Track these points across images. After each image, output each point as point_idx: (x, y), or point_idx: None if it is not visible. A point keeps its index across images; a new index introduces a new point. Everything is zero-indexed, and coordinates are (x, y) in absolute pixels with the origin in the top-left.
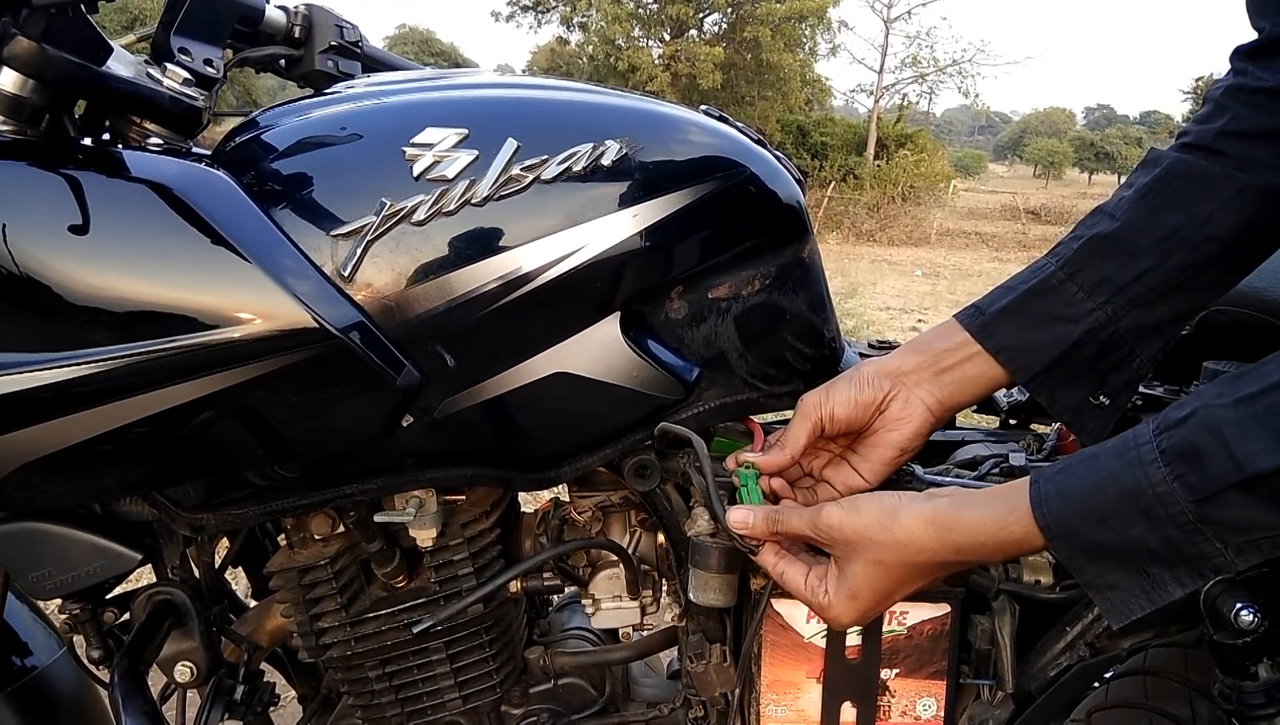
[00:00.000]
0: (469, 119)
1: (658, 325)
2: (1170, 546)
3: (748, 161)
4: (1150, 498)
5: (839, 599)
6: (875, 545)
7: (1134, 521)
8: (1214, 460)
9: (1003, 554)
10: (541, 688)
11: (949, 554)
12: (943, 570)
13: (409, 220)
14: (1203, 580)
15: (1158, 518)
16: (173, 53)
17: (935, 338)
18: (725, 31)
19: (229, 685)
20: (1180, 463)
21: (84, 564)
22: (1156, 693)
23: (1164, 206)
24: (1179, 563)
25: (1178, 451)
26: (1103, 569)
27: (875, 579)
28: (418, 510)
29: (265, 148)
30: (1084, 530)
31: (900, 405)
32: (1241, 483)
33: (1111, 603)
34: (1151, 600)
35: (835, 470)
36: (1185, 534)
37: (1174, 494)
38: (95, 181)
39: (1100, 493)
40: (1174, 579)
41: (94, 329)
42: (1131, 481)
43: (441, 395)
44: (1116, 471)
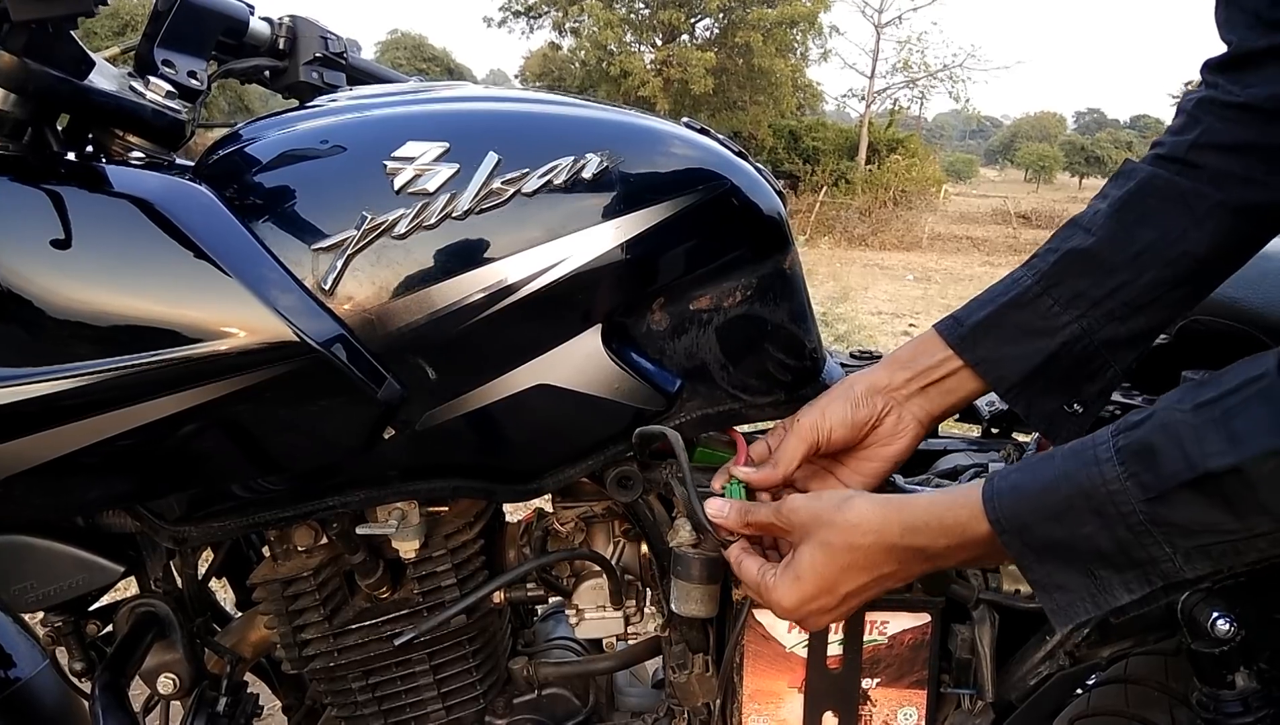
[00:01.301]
0: (450, 132)
1: (639, 337)
2: (1120, 548)
3: (729, 174)
4: (1103, 496)
5: (783, 580)
6: (826, 526)
7: (1085, 519)
8: (1168, 459)
9: (950, 542)
10: (525, 698)
11: (895, 535)
12: (890, 561)
13: (390, 234)
14: (1149, 587)
15: (1109, 516)
16: (156, 65)
17: (919, 352)
18: (717, 37)
19: (212, 697)
20: (1134, 462)
21: (67, 577)
22: (1137, 701)
23: (1138, 222)
24: (1128, 566)
25: (1133, 451)
26: (1051, 568)
27: (820, 562)
28: (400, 522)
29: (247, 161)
30: (1034, 526)
31: (894, 421)
32: (1193, 481)
33: (1057, 604)
34: (1098, 605)
35: (821, 481)
36: (1135, 535)
37: (1126, 492)
38: (77, 196)
39: (1053, 489)
40: (1122, 584)
41: (76, 343)
42: (1085, 479)
43: (423, 408)
44: (1071, 470)
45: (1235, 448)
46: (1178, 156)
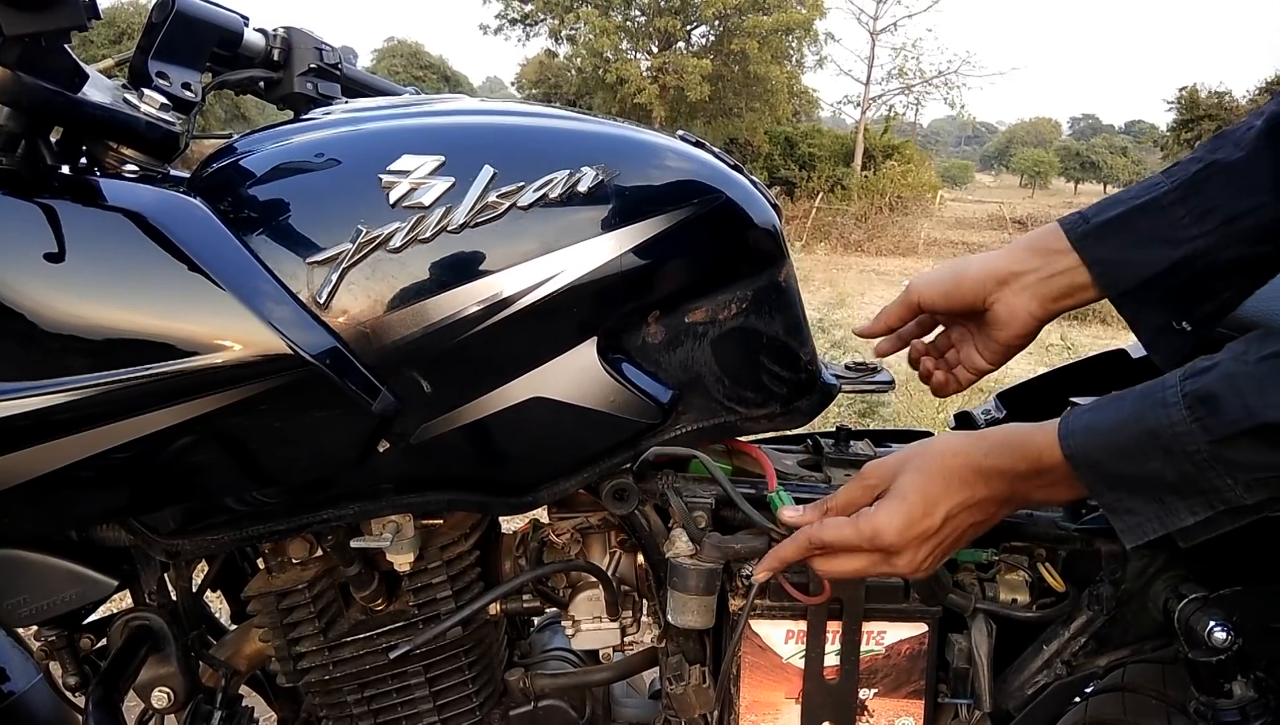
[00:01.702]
0: (445, 146)
1: (634, 349)
2: (1185, 480)
3: (724, 187)
4: (1169, 436)
5: (884, 507)
6: (915, 457)
7: (1153, 456)
8: (1230, 407)
9: (1029, 466)
10: (522, 710)
11: (980, 455)
12: (979, 482)
13: (385, 247)
14: (1212, 511)
15: (1175, 454)
16: (150, 77)
17: (1037, 244)
18: (713, 44)
19: (207, 710)
20: (1199, 407)
21: (60, 590)
22: (1134, 709)
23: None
24: (1193, 493)
25: (1198, 396)
26: (1120, 494)
27: (918, 482)
28: (395, 535)
29: (242, 174)
30: (1105, 462)
31: (1004, 310)
32: (1253, 430)
33: (1127, 524)
34: (1164, 524)
35: (963, 351)
36: (1199, 470)
37: (1192, 434)
38: (71, 210)
39: (1123, 429)
40: (1187, 508)
41: (71, 357)
42: (1154, 420)
43: (418, 420)
44: (1141, 411)
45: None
46: None
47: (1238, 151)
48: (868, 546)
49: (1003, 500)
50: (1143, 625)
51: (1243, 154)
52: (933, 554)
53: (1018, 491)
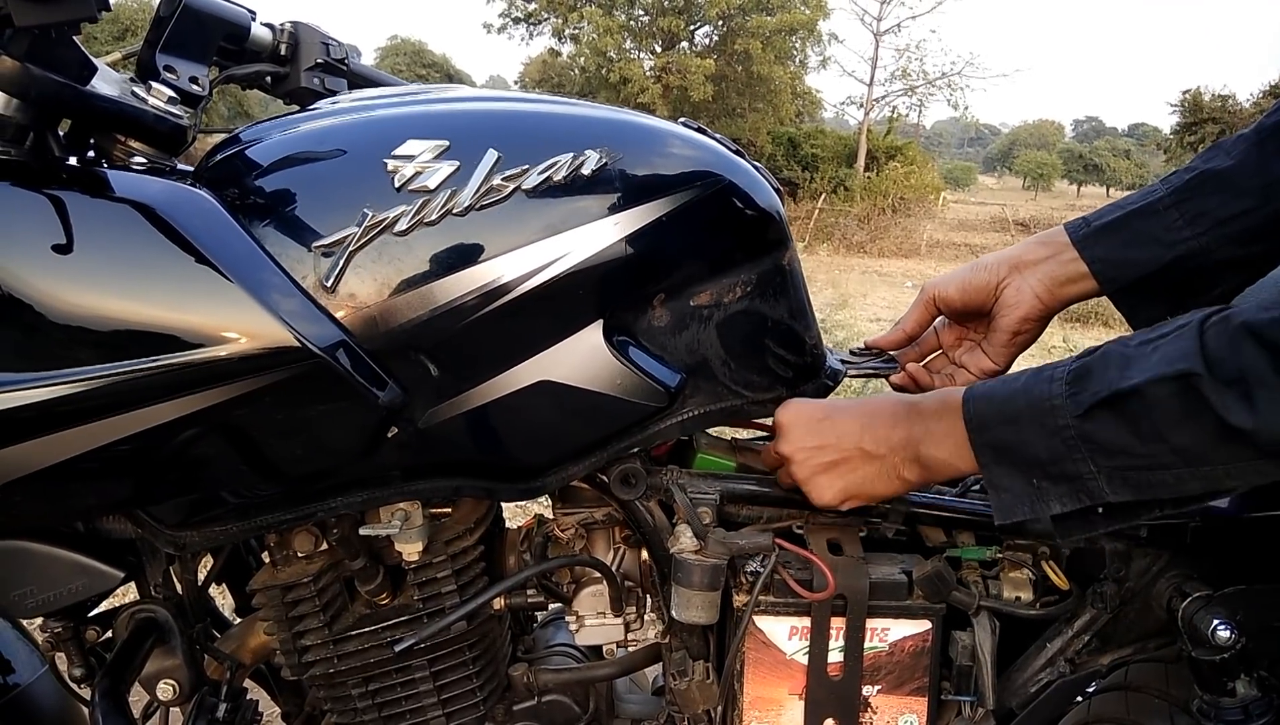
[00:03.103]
0: (450, 131)
1: (641, 333)
2: (1054, 458)
3: (726, 171)
4: (1046, 408)
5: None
6: None
7: (1032, 428)
8: (1097, 379)
9: (934, 406)
10: (525, 705)
11: (890, 399)
12: (884, 410)
13: (391, 231)
14: (1079, 504)
15: (1048, 428)
16: (158, 71)
17: (1045, 241)
18: (716, 44)
19: (212, 703)
20: (1076, 382)
21: (66, 582)
22: (1137, 708)
23: (1277, 153)
24: (1061, 479)
25: (1077, 373)
26: (1003, 471)
27: (834, 398)
28: (404, 523)
29: (247, 164)
30: (994, 427)
31: (1012, 291)
32: (1109, 399)
33: (1001, 502)
34: (1034, 509)
35: (972, 355)
36: (1067, 449)
37: (1064, 408)
38: (79, 201)
39: (1014, 399)
40: (1055, 495)
41: (77, 348)
42: (1038, 393)
43: (425, 406)
44: (1032, 384)
45: (1143, 372)
46: None
47: (1228, 160)
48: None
49: (895, 441)
50: (1146, 624)
51: (1232, 162)
52: (807, 452)
53: (911, 435)
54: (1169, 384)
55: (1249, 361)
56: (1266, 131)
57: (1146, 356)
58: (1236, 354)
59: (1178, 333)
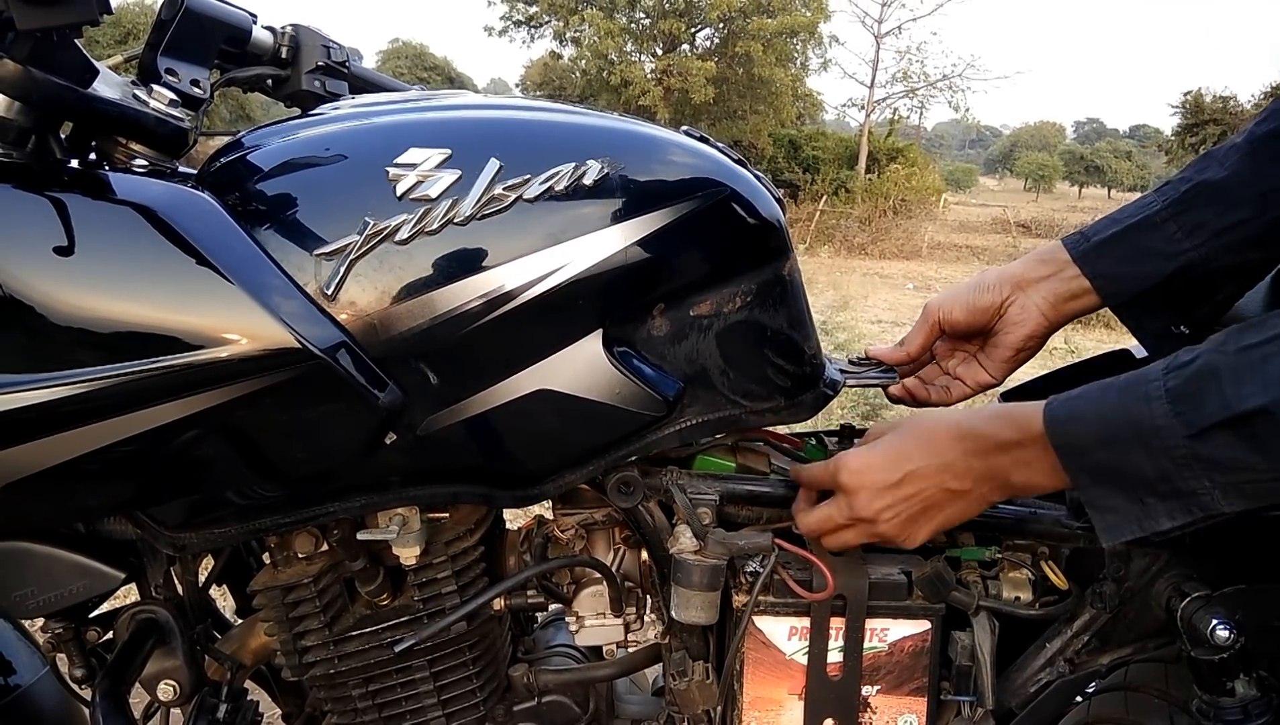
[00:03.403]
0: (452, 139)
1: (640, 342)
2: (1164, 477)
3: (728, 181)
4: (1150, 430)
5: (855, 451)
6: (907, 421)
7: (1134, 449)
8: (1209, 399)
9: (1013, 436)
10: (525, 705)
11: (965, 422)
12: (956, 447)
13: (392, 239)
14: (1190, 517)
15: (1155, 449)
16: (159, 73)
17: (1045, 257)
18: (717, 46)
19: (212, 704)
20: (1180, 402)
21: (67, 583)
22: (1137, 708)
23: (1271, 161)
24: (1171, 496)
25: (1180, 391)
26: (1104, 491)
27: (893, 439)
28: (401, 528)
29: (249, 169)
30: (1089, 450)
31: (1017, 309)
32: (1228, 421)
33: (1107, 523)
34: (1143, 527)
35: (967, 368)
36: (1177, 467)
37: (1171, 428)
38: (80, 203)
39: (1107, 419)
40: (1165, 512)
41: (79, 349)
42: (1136, 413)
43: (425, 413)
44: (1125, 403)
45: (1266, 390)
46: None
47: (1222, 170)
48: (829, 482)
49: (979, 473)
50: (1145, 624)
51: (1227, 172)
52: (893, 509)
53: (996, 466)
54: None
55: None
56: (1259, 140)
57: (1258, 368)
58: None
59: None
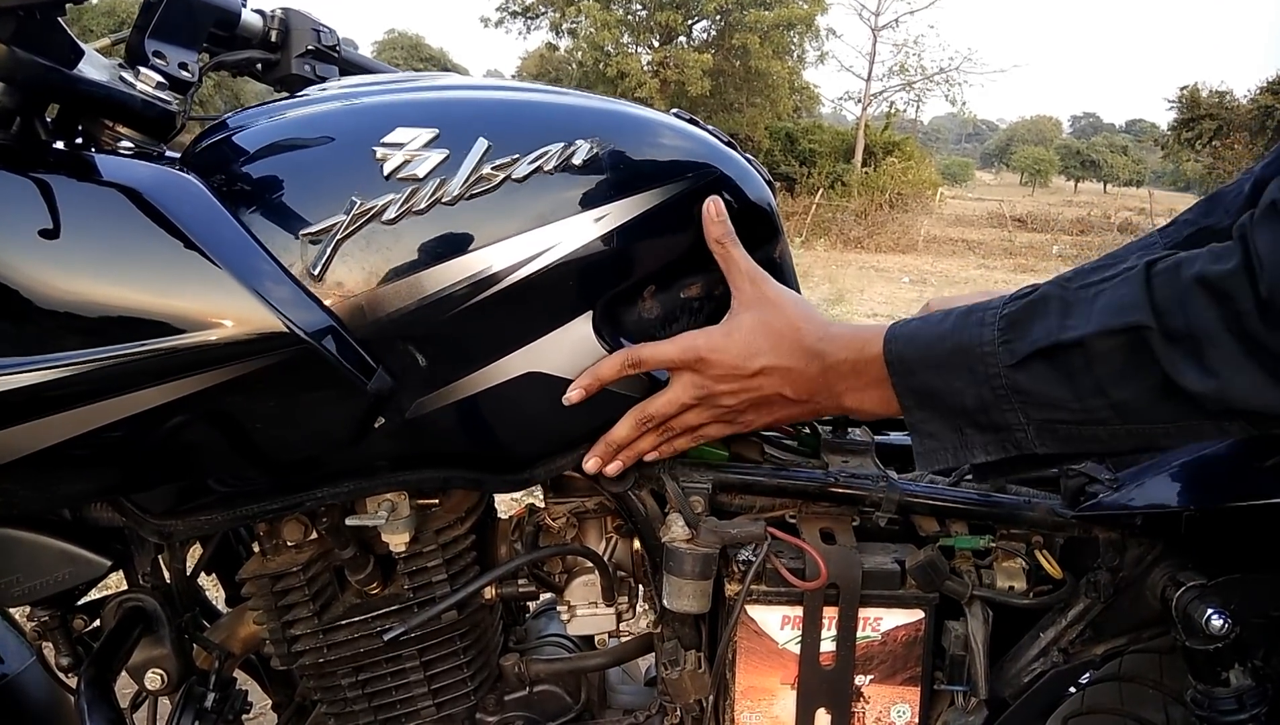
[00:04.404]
0: (439, 119)
1: (630, 324)
2: (982, 407)
3: (718, 163)
4: (976, 355)
5: (709, 330)
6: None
7: (959, 375)
8: (1035, 327)
9: (850, 356)
10: (517, 695)
11: (813, 336)
12: (799, 358)
13: (379, 219)
14: (1004, 453)
15: (978, 375)
16: (147, 56)
17: None
18: (714, 38)
19: (200, 693)
20: (1011, 328)
21: (53, 570)
22: (1131, 698)
23: None
24: (988, 428)
25: (1012, 317)
26: (927, 416)
27: (754, 327)
28: (390, 514)
29: (235, 150)
30: (918, 372)
31: None
32: (1047, 350)
33: (926, 449)
34: (958, 458)
35: None
36: (996, 398)
37: (995, 356)
38: (66, 185)
39: (940, 342)
40: (981, 445)
41: (64, 333)
42: (966, 337)
43: (413, 396)
44: (960, 328)
45: (1088, 322)
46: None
47: (1227, 218)
48: (681, 360)
49: (818, 388)
50: (1140, 613)
51: (1231, 218)
52: (737, 396)
53: (835, 386)
54: (1115, 337)
55: (1200, 317)
56: (1262, 186)
57: (1088, 303)
58: (1187, 308)
59: (1123, 277)
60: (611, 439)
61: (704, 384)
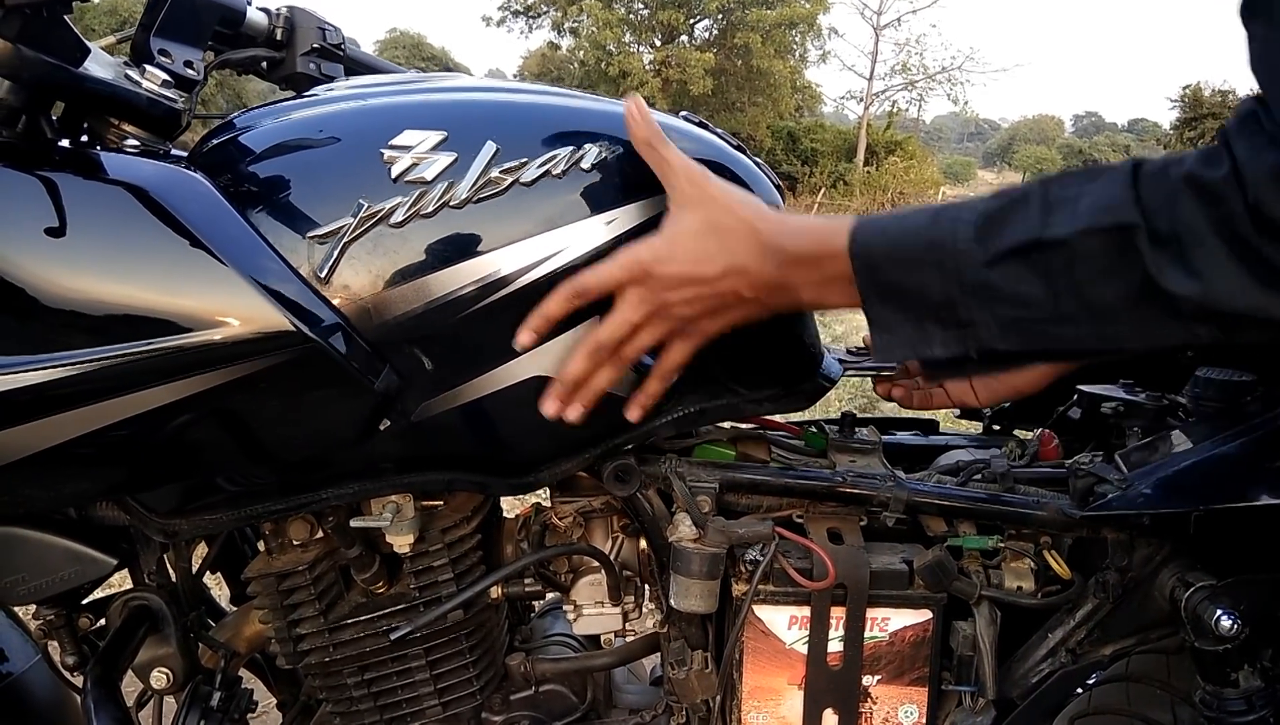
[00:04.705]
0: (448, 121)
1: None
2: (948, 303)
3: (728, 165)
4: (950, 251)
5: (649, 240)
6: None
7: (927, 271)
8: (1015, 225)
9: (810, 247)
10: (522, 694)
11: (769, 228)
12: (750, 252)
13: (387, 222)
14: (963, 349)
15: (948, 272)
16: (152, 54)
17: None
18: (716, 38)
19: (206, 692)
20: (988, 226)
21: (58, 569)
22: (1139, 699)
23: None
24: (951, 324)
25: (989, 216)
26: (889, 311)
27: (692, 232)
28: (395, 516)
29: (242, 150)
30: (885, 267)
31: None
32: (1026, 246)
33: (883, 342)
34: (916, 351)
35: (955, 383)
36: (964, 294)
37: (970, 253)
38: (72, 183)
39: (911, 237)
40: (941, 340)
41: (70, 331)
42: (939, 233)
43: (419, 399)
44: (934, 223)
45: (1073, 222)
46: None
47: None
48: (625, 276)
49: (774, 283)
50: (1148, 614)
51: None
52: (690, 305)
53: (792, 279)
54: (1101, 236)
55: (1188, 219)
56: None
57: (1071, 203)
58: (1174, 208)
59: (1108, 178)
60: (566, 377)
61: (653, 298)
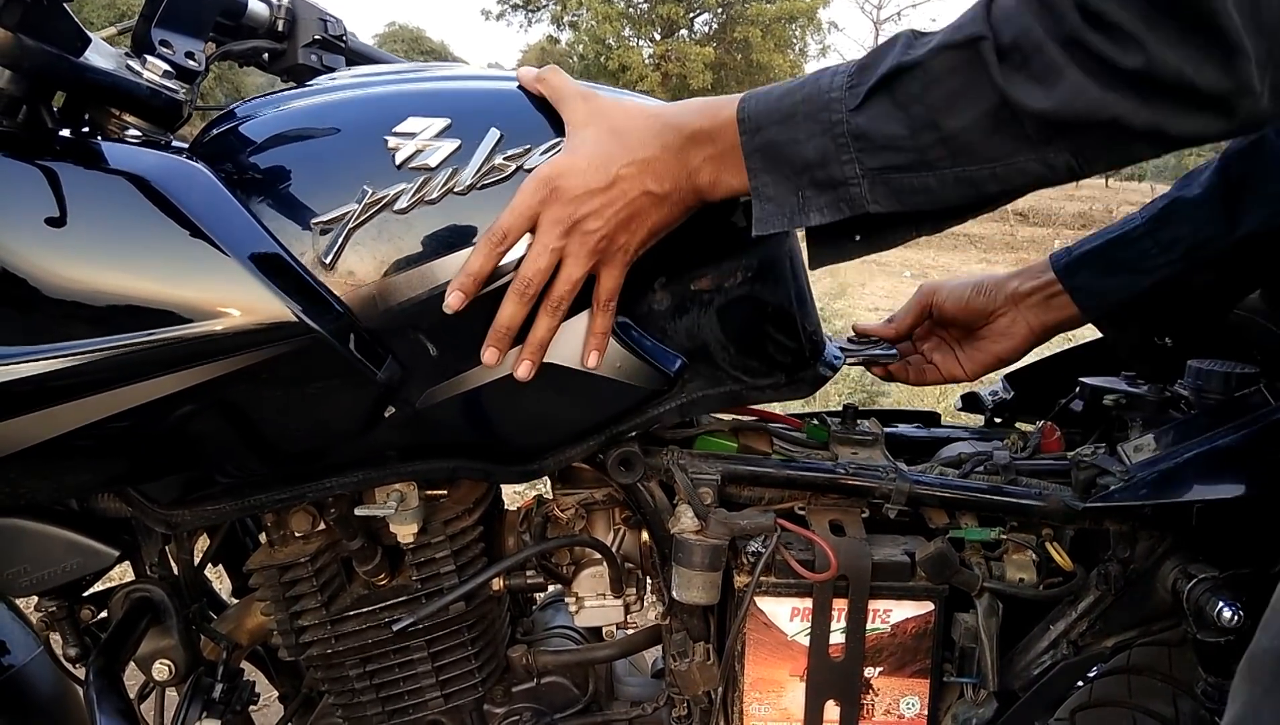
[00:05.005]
0: (451, 108)
1: (641, 316)
2: (822, 160)
3: None
4: (823, 101)
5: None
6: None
7: (805, 125)
8: (881, 63)
9: (705, 123)
10: (524, 686)
11: (669, 115)
12: (656, 142)
13: (391, 208)
14: (839, 215)
15: (822, 124)
16: (154, 45)
17: (1034, 270)
18: (715, 31)
19: (208, 683)
20: (859, 73)
21: (60, 561)
22: (1140, 691)
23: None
24: (826, 186)
25: (861, 64)
26: (770, 179)
27: (589, 139)
28: (399, 504)
29: (244, 139)
30: (766, 126)
31: (1007, 322)
32: (888, 76)
33: (763, 213)
34: (793, 221)
35: (943, 357)
36: (836, 148)
37: (842, 100)
38: (72, 173)
39: (790, 94)
40: (817, 206)
41: (71, 322)
42: (816, 88)
43: (423, 386)
44: (813, 80)
45: (927, 44)
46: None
47: (1198, 188)
48: (535, 198)
49: (676, 171)
50: (1151, 606)
51: (1201, 190)
52: (602, 216)
53: (690, 162)
54: (952, 53)
55: (1026, 25)
56: (1231, 157)
57: (934, 34)
58: (1017, 20)
59: (970, 9)
60: (499, 325)
61: (565, 215)
